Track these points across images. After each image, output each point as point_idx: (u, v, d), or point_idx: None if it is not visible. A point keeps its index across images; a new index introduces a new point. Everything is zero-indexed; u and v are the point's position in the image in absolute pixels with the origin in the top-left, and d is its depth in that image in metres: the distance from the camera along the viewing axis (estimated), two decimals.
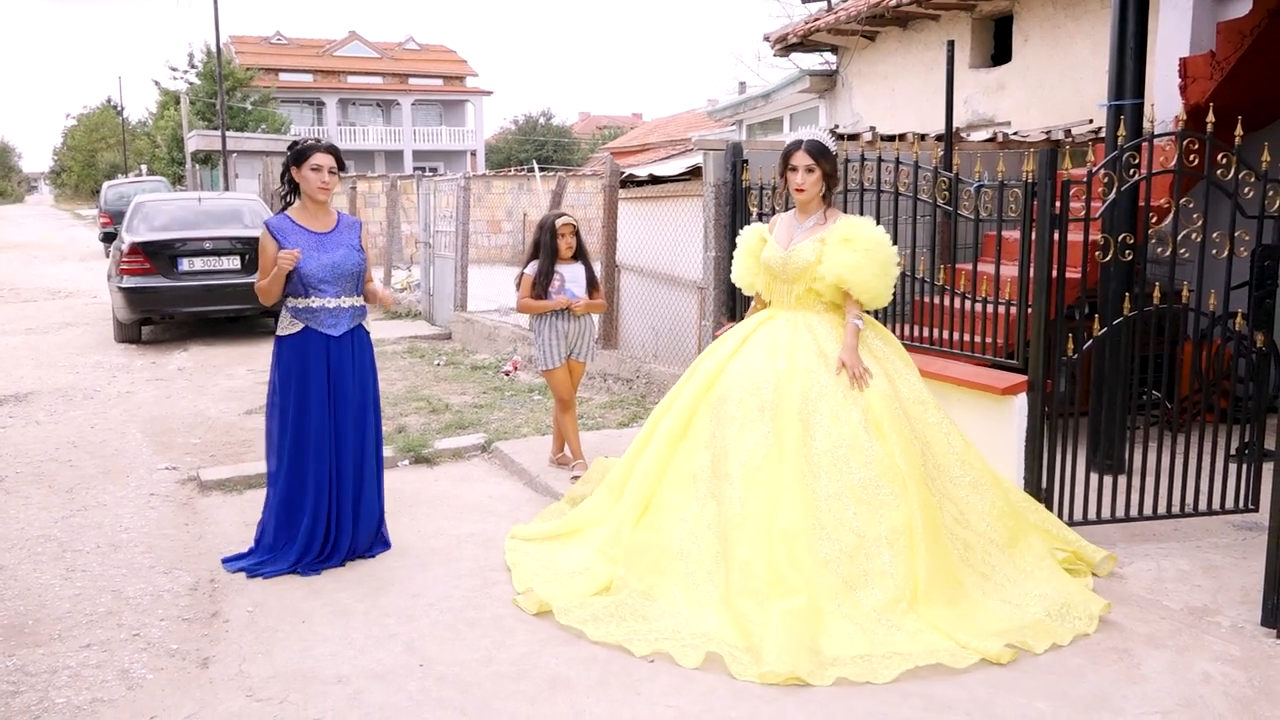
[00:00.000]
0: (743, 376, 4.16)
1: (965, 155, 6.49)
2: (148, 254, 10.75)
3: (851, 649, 3.56)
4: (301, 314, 4.43)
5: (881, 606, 3.71)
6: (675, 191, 8.49)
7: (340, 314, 4.46)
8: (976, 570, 3.97)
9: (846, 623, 3.66)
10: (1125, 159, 4.63)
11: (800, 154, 4.17)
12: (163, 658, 3.70)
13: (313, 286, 4.40)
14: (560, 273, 5.65)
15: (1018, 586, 3.96)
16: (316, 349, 4.42)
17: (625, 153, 32.25)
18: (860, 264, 4.10)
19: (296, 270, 4.36)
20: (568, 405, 5.73)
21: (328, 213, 4.52)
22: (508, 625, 3.92)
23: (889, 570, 3.77)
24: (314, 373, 4.41)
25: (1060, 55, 8.87)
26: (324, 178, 4.40)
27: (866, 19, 10.68)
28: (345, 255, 4.46)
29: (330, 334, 4.44)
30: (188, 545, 4.87)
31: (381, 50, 55.43)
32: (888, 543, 3.80)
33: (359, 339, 4.55)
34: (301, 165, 4.40)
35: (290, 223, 4.45)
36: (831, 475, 3.89)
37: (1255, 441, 4.74)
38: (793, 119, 14.44)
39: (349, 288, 4.48)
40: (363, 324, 4.58)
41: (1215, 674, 3.46)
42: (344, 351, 4.46)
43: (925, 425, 4.15)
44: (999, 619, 3.76)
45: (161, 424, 7.39)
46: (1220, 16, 6.39)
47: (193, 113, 36.35)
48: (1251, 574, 4.05)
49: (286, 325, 4.46)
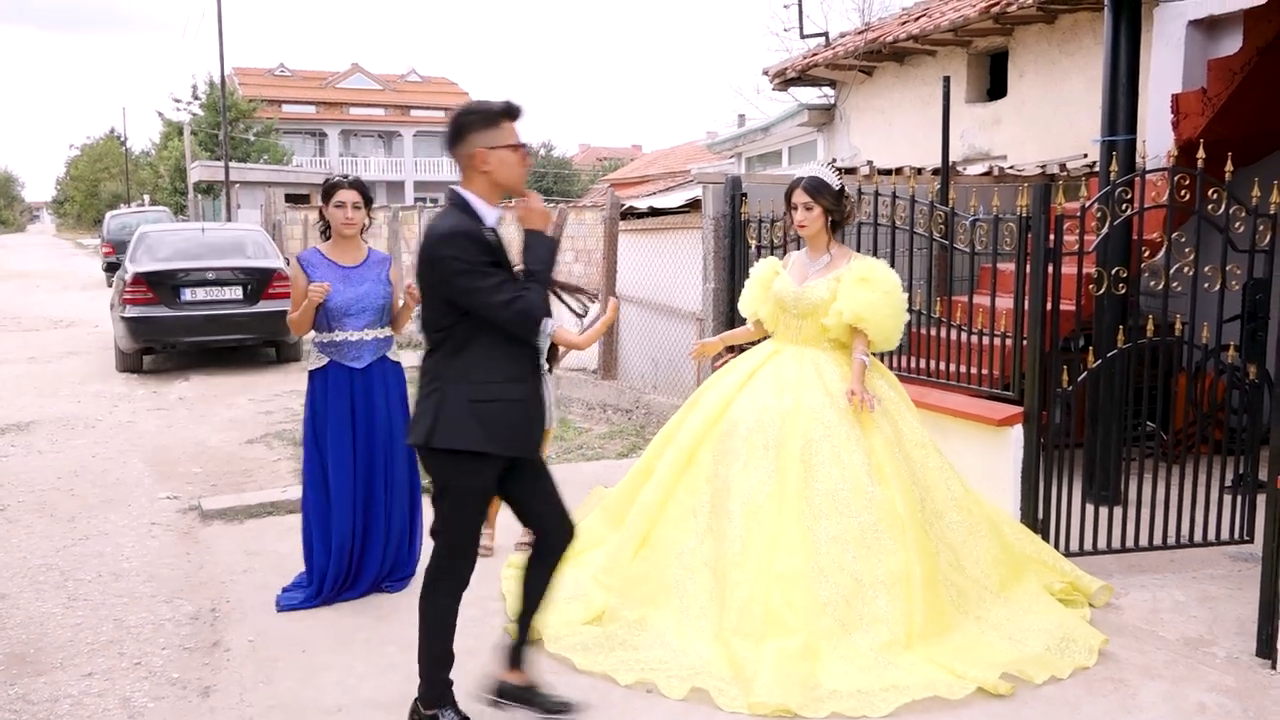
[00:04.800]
0: (749, 412, 4.17)
1: (961, 189, 6.57)
2: (151, 284, 10.80)
3: (849, 684, 3.57)
4: (326, 348, 4.50)
5: (878, 648, 3.72)
6: (675, 223, 8.58)
7: (364, 346, 4.51)
8: (970, 614, 3.98)
9: (843, 663, 3.67)
10: (1118, 194, 4.71)
11: (799, 192, 4.22)
12: (164, 686, 3.72)
13: (336, 320, 4.47)
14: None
15: (1016, 624, 3.97)
16: (339, 382, 4.48)
17: (625, 184, 32.43)
18: (877, 304, 4.11)
19: (322, 303, 4.43)
20: None
21: (357, 247, 4.60)
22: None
23: (885, 615, 3.78)
24: (334, 406, 4.46)
25: (1055, 91, 8.99)
26: (348, 213, 4.49)
27: (864, 54, 10.82)
28: (370, 289, 4.52)
29: (354, 366, 4.49)
30: (189, 574, 4.89)
31: (383, 82, 55.94)
32: (885, 587, 3.81)
33: (386, 370, 4.58)
34: (328, 202, 4.52)
35: (320, 256, 4.55)
36: (832, 518, 3.89)
37: (1250, 472, 4.78)
38: (791, 152, 14.59)
39: (374, 320, 4.53)
40: (388, 355, 4.60)
41: (1210, 704, 3.48)
42: (371, 383, 4.51)
43: (926, 470, 4.17)
44: (997, 652, 3.78)
45: (163, 453, 7.42)
46: (1211, 53, 6.49)
47: (196, 143, 36.63)
48: (1247, 605, 4.08)
49: (314, 360, 4.55)
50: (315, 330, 4.51)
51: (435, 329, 3.16)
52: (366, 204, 4.58)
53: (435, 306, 3.14)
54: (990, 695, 3.52)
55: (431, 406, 3.12)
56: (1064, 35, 8.88)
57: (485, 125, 3.09)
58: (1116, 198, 4.70)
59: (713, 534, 4.05)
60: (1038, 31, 9.15)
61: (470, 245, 3.04)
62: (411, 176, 52.92)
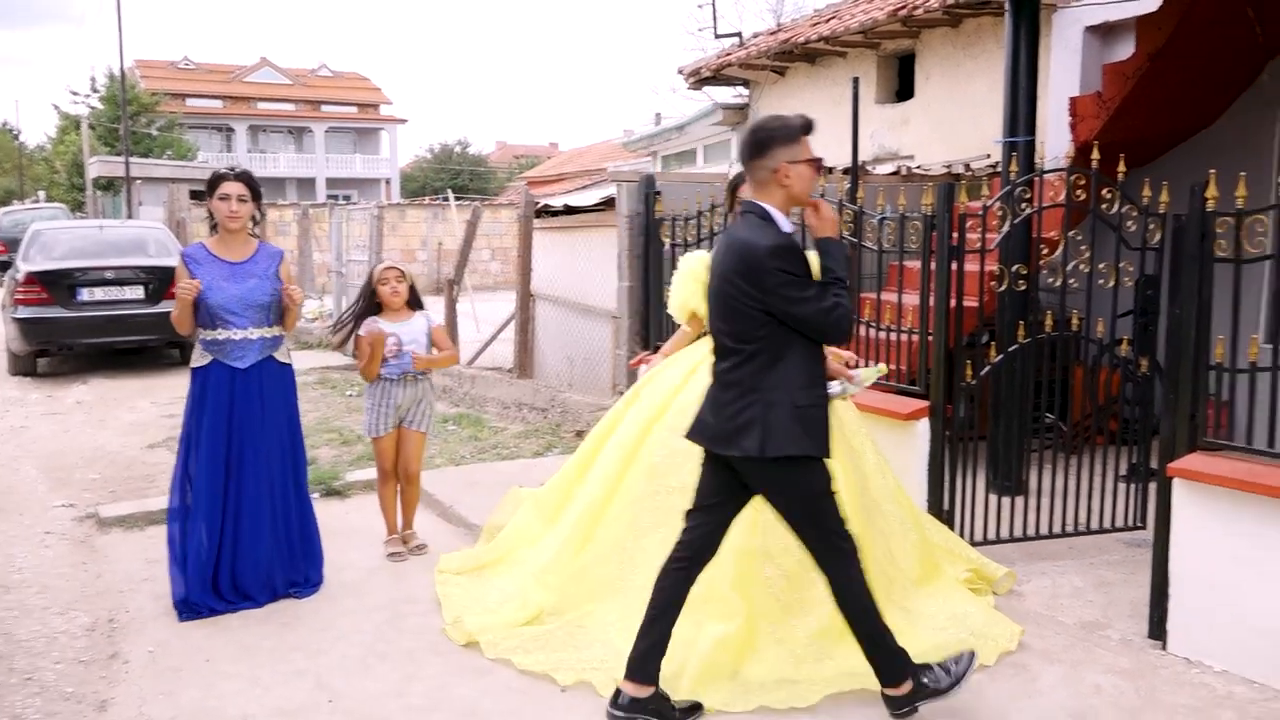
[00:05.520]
0: (693, 408, 4.17)
1: (870, 188, 6.69)
2: (45, 283, 10.41)
3: (777, 674, 3.60)
4: (210, 346, 4.35)
5: (815, 634, 3.76)
6: (590, 222, 8.56)
7: (249, 346, 4.36)
8: (898, 606, 4.05)
9: (779, 648, 3.71)
10: (1018, 193, 4.85)
11: (748, 186, 4.23)
12: (57, 702, 3.57)
13: (219, 318, 4.31)
14: (394, 333, 4.86)
15: (939, 614, 4.05)
16: (219, 382, 4.32)
17: (541, 182, 32.33)
18: None
19: (203, 301, 4.28)
20: (388, 476, 5.05)
21: (244, 242, 4.44)
22: (420, 658, 3.88)
23: (823, 600, 3.81)
24: (211, 406, 4.31)
25: (960, 92, 9.22)
26: (232, 206, 4.32)
27: (776, 54, 10.96)
28: (256, 286, 4.37)
29: (235, 366, 4.34)
30: (85, 584, 4.70)
31: (293, 77, 54.65)
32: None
33: (269, 371, 4.42)
34: (212, 195, 4.35)
35: (205, 251, 4.39)
36: None
37: (1143, 462, 4.97)
38: (706, 151, 14.69)
39: (260, 319, 4.38)
40: (275, 356, 4.46)
41: (1106, 685, 3.61)
42: (250, 385, 4.36)
43: (863, 459, 4.24)
44: (923, 641, 3.83)
45: (58, 459, 7.13)
46: (1107, 58, 6.74)
47: (94, 138, 35.26)
48: (1140, 589, 4.23)
49: (197, 357, 4.38)
50: (200, 328, 4.36)
51: (747, 340, 3.19)
52: (254, 197, 4.41)
53: (750, 317, 3.17)
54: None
55: (758, 417, 3.16)
56: (968, 39, 9.12)
57: (788, 140, 3.22)
58: (1017, 197, 4.84)
59: (657, 530, 4.02)
60: (943, 35, 9.38)
61: (793, 258, 3.15)
62: (323, 173, 51.77)
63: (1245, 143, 6.58)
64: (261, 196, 4.53)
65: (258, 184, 4.49)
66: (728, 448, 3.23)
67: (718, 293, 3.26)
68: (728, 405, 3.23)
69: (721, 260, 3.26)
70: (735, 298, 3.18)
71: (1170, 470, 3.83)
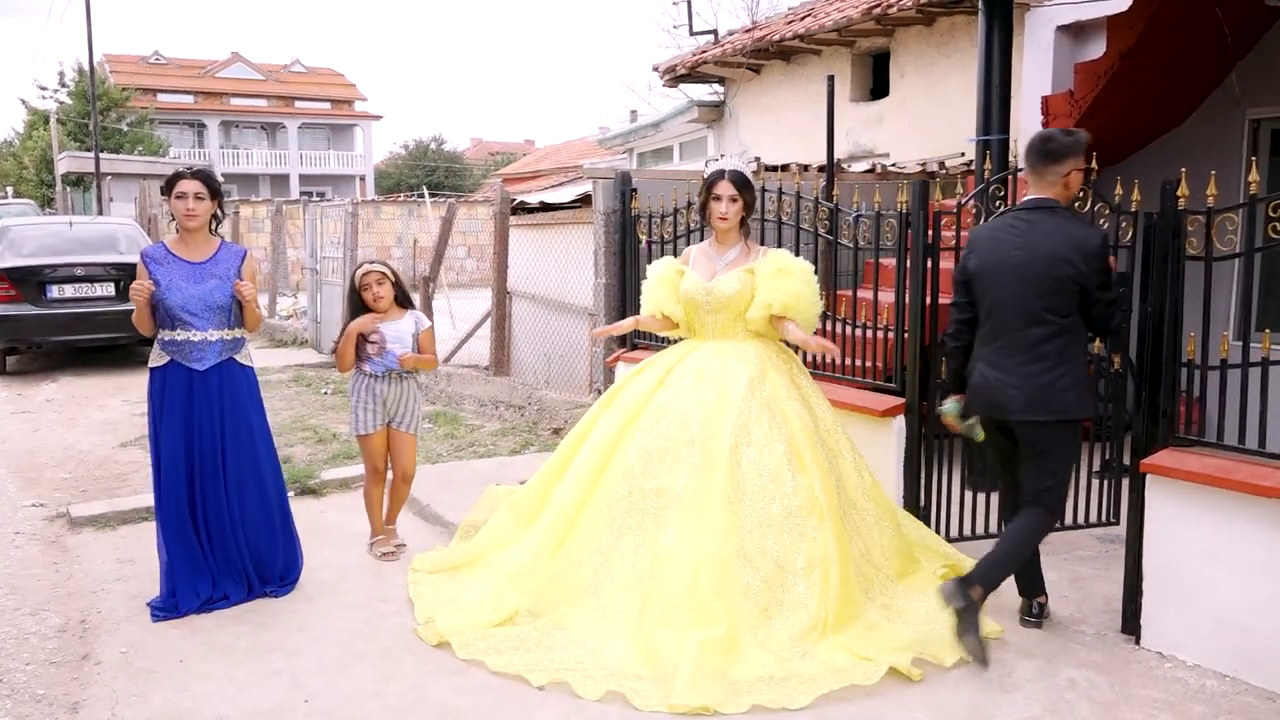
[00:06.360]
0: (670, 409, 4.17)
1: (845, 186, 6.73)
2: (14, 280, 10.30)
3: (768, 674, 3.59)
4: (168, 346, 4.27)
5: (796, 635, 3.76)
6: (566, 219, 8.55)
7: (208, 348, 4.27)
8: (877, 602, 4.07)
9: (762, 651, 3.70)
10: (992, 191, 4.88)
11: (724, 183, 4.23)
12: (28, 704, 3.52)
13: (179, 319, 4.23)
14: (379, 330, 4.84)
15: (918, 610, 4.06)
16: (177, 383, 4.25)
17: (517, 179, 32.20)
18: (801, 292, 4.19)
19: (161, 301, 4.21)
20: (378, 476, 5.01)
21: (205, 241, 4.36)
22: (396, 657, 3.86)
23: (804, 601, 3.83)
24: (170, 408, 4.25)
25: (934, 91, 9.28)
26: (189, 205, 4.24)
27: (751, 52, 10.97)
28: (216, 286, 4.28)
29: (194, 368, 4.26)
30: (56, 585, 4.65)
31: (266, 72, 54.15)
32: (804, 574, 3.86)
33: (229, 374, 4.33)
34: (170, 193, 4.29)
35: (165, 251, 4.32)
36: (755, 504, 3.92)
37: (1115, 458, 5.02)
38: (682, 148, 14.69)
39: (220, 320, 4.30)
40: (236, 357, 4.37)
41: (1080, 680, 3.65)
42: (209, 388, 4.28)
43: (839, 457, 4.25)
44: (905, 637, 3.86)
45: (28, 459, 7.04)
46: (1078, 57, 6.79)
47: (64, 133, 34.83)
48: (1113, 584, 4.28)
49: (155, 357, 4.31)
50: (159, 328, 4.29)
51: (1064, 314, 3.78)
52: (213, 195, 4.32)
53: (1072, 295, 3.75)
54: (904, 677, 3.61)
55: (1068, 384, 3.76)
56: (942, 37, 9.18)
57: (1079, 151, 3.83)
58: (991, 195, 4.87)
59: (633, 530, 4.03)
60: (917, 33, 9.43)
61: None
62: (297, 170, 51.34)
63: (1214, 142, 6.66)
64: (222, 195, 4.44)
65: (217, 182, 4.41)
66: (1037, 413, 3.77)
67: (1044, 271, 3.74)
68: (1041, 375, 3.77)
69: (1045, 242, 3.76)
70: (1067, 275, 3.72)
71: (1143, 466, 3.87)
